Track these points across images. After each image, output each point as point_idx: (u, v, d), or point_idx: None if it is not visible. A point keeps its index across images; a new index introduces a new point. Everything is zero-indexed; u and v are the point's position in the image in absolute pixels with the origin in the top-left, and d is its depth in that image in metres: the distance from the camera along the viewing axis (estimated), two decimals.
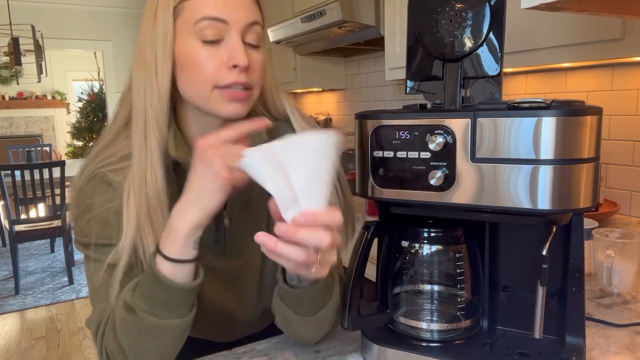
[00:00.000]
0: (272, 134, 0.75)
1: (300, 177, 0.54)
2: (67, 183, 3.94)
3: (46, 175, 3.57)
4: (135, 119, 0.69)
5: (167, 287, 0.61)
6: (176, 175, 0.72)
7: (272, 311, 0.75)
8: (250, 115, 0.74)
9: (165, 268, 0.61)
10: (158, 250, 0.62)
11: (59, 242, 4.68)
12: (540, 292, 0.62)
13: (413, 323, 0.71)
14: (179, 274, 0.61)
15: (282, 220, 0.56)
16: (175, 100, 0.72)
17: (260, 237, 0.56)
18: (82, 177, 0.72)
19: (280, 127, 0.79)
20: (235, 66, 0.66)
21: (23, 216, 3.51)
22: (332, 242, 0.54)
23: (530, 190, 0.56)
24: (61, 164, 3.54)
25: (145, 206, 0.67)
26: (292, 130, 0.79)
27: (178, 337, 0.65)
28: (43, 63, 4.88)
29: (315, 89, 3.01)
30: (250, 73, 0.68)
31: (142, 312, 0.62)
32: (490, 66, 0.66)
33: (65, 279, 3.85)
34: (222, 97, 0.68)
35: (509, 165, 0.57)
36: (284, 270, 0.68)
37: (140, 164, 0.67)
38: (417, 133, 0.62)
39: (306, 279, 0.65)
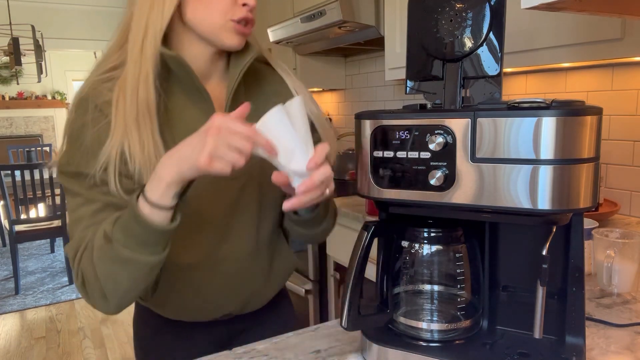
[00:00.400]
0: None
1: (300, 129, 0.64)
2: None
3: (46, 175, 3.57)
4: (135, 32, 0.74)
5: (144, 225, 0.65)
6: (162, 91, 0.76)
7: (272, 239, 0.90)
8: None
9: (145, 208, 0.65)
10: (142, 191, 0.66)
11: (59, 242, 4.68)
12: (540, 292, 0.62)
13: (413, 323, 0.71)
14: (156, 216, 0.65)
15: (288, 187, 0.67)
16: (169, 27, 0.76)
17: (288, 204, 0.66)
18: (77, 98, 0.75)
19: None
20: (245, 4, 0.76)
21: (23, 216, 3.52)
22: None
23: (530, 190, 0.56)
24: None
25: (134, 111, 0.71)
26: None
27: (148, 272, 0.69)
28: (43, 63, 4.88)
29: (315, 89, 3.01)
30: (253, 12, 0.79)
31: (118, 244, 0.66)
32: (490, 66, 0.66)
33: (65, 279, 3.86)
34: (234, 29, 0.76)
35: (509, 165, 0.57)
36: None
37: (135, 72, 0.72)
38: (417, 133, 0.62)
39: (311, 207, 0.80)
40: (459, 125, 0.59)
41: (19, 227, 3.54)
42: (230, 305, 0.89)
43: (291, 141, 0.63)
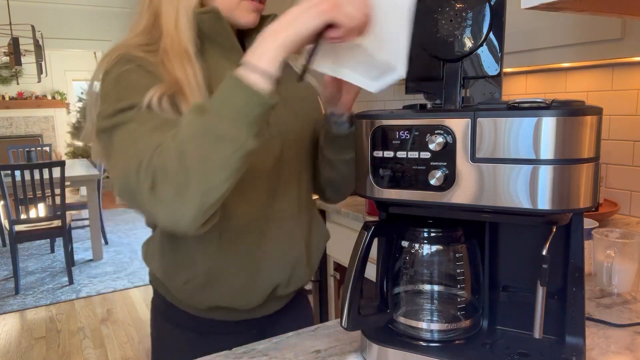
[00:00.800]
0: None
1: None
2: (67, 183, 3.95)
3: (46, 175, 3.57)
4: (167, 12, 0.76)
5: (248, 93, 0.60)
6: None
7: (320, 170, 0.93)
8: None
9: (249, 76, 0.61)
10: (243, 64, 0.62)
11: (59, 242, 4.68)
12: (540, 292, 0.62)
13: (413, 323, 0.71)
14: (261, 84, 0.61)
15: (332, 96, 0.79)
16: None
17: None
18: (110, 60, 0.75)
19: None
20: None
21: (23, 216, 3.52)
22: None
23: (530, 190, 0.56)
24: (61, 164, 3.54)
25: (183, 81, 0.72)
26: None
27: (239, 161, 0.62)
28: (43, 63, 4.88)
29: None
30: None
31: (214, 115, 0.61)
32: (490, 66, 0.66)
33: (65, 279, 3.86)
34: (249, 7, 0.79)
35: (509, 165, 0.57)
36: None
37: (176, 49, 0.74)
38: (417, 133, 0.62)
39: (346, 122, 0.82)
40: (459, 125, 0.59)
41: (19, 227, 3.54)
42: (279, 274, 0.86)
43: (397, 30, 0.64)
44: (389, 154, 0.64)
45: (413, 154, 0.62)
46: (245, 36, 0.86)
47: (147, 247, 0.91)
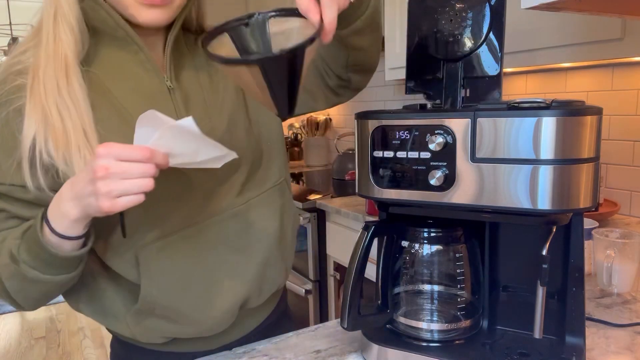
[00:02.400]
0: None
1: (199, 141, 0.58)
2: None
3: None
4: (47, 11, 0.65)
5: (50, 252, 0.61)
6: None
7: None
8: (183, 26, 0.75)
9: (51, 237, 0.61)
10: (45, 216, 0.61)
11: None
12: (540, 292, 0.62)
13: (413, 323, 0.71)
14: (65, 245, 0.62)
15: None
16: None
17: (327, 37, 0.54)
18: None
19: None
20: None
21: None
22: None
23: (530, 190, 0.56)
24: None
25: (54, 95, 0.62)
26: None
27: (61, 287, 0.68)
28: None
29: None
30: None
31: (25, 265, 0.62)
32: (490, 66, 0.66)
33: None
34: (139, 1, 0.65)
35: (509, 165, 0.57)
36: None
37: (48, 52, 0.63)
38: (417, 133, 0.62)
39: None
40: (459, 125, 0.59)
41: None
42: (243, 283, 0.76)
43: (194, 145, 0.57)
44: (389, 154, 0.64)
45: (413, 154, 0.62)
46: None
47: (74, 296, 0.77)
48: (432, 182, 0.60)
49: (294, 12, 0.53)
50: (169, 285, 0.72)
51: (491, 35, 0.65)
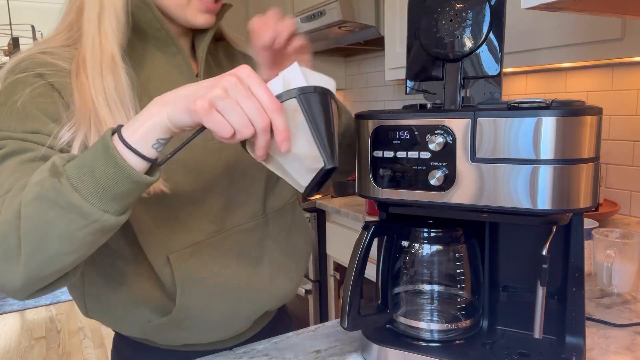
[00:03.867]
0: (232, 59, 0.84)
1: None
2: None
3: None
4: (90, 8, 0.65)
5: (114, 163, 0.50)
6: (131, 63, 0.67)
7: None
8: (216, 34, 0.79)
9: (120, 148, 0.51)
10: (118, 130, 0.52)
11: None
12: (540, 292, 0.62)
13: (413, 323, 0.71)
14: (131, 158, 0.51)
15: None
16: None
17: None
18: (6, 68, 0.63)
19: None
20: None
21: None
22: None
23: (530, 190, 0.56)
24: None
25: (102, 96, 0.61)
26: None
27: (88, 237, 0.52)
28: None
29: None
30: None
31: (67, 183, 0.50)
32: (490, 66, 0.66)
33: None
34: (199, 7, 0.70)
35: (509, 165, 0.57)
36: None
37: (96, 54, 0.63)
38: (417, 133, 0.62)
39: None
40: (459, 125, 0.59)
41: None
42: (267, 297, 0.78)
43: (310, 142, 0.53)
44: (389, 154, 0.64)
45: (413, 154, 0.62)
46: (195, 36, 0.77)
47: (83, 301, 0.76)
48: (432, 182, 0.60)
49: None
50: (200, 294, 0.72)
51: (491, 35, 0.65)
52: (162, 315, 0.72)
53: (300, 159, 0.54)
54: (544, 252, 0.61)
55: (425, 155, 0.61)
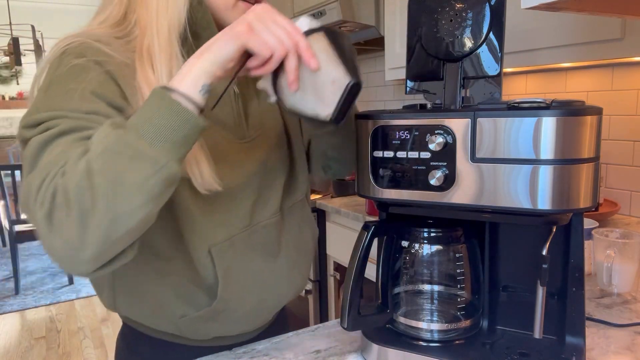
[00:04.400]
0: None
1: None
2: None
3: None
4: (151, 10, 0.67)
5: (173, 108, 0.54)
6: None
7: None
8: None
9: (173, 95, 0.56)
10: (165, 87, 0.56)
11: None
12: (540, 292, 0.62)
13: (413, 323, 0.71)
14: (185, 105, 0.56)
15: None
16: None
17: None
18: (57, 51, 0.64)
19: None
20: None
21: (23, 216, 3.51)
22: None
23: (530, 190, 0.56)
24: None
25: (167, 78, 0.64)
26: None
27: (157, 189, 0.54)
28: None
29: None
30: None
31: (132, 132, 0.53)
32: (490, 66, 0.66)
33: (65, 279, 3.85)
34: (244, 9, 0.71)
35: (509, 165, 0.57)
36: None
37: (164, 49, 0.65)
38: (417, 133, 0.62)
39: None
40: (459, 125, 0.59)
41: (19, 227, 3.54)
42: (288, 289, 0.82)
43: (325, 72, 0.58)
44: (389, 154, 0.64)
45: (413, 154, 0.62)
46: None
47: (113, 294, 0.77)
48: (432, 182, 0.60)
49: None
50: (236, 286, 0.75)
51: (491, 35, 0.65)
52: (197, 309, 0.74)
53: (326, 83, 0.59)
54: (544, 252, 0.61)
55: (425, 155, 0.61)
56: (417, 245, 0.72)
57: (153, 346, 0.81)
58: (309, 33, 0.60)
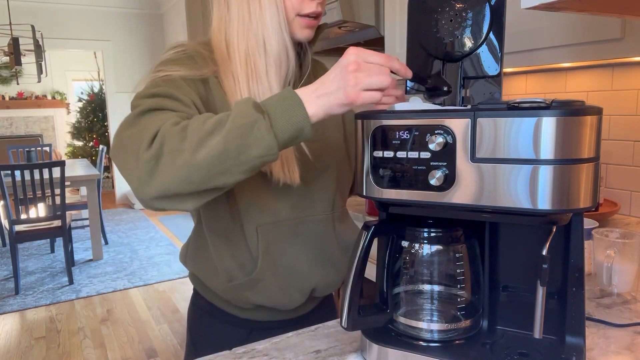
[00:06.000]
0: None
1: None
2: (67, 183, 3.95)
3: (46, 175, 3.57)
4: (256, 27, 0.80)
5: (302, 108, 0.65)
6: None
7: None
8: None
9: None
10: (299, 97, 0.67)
11: (59, 242, 4.68)
12: (540, 292, 0.62)
13: (413, 323, 0.71)
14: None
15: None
16: None
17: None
18: (173, 48, 0.82)
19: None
20: None
21: (23, 216, 3.51)
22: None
23: (530, 190, 0.56)
24: (61, 164, 3.54)
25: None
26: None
27: (254, 165, 0.65)
28: (43, 63, 4.88)
29: None
30: (323, 4, 0.84)
31: (267, 120, 0.64)
32: (490, 66, 0.66)
33: (65, 279, 3.85)
34: (302, 23, 0.82)
35: (509, 165, 0.57)
36: None
37: (248, 65, 0.80)
38: (417, 133, 0.62)
39: None
40: (459, 125, 0.59)
41: (19, 227, 3.54)
42: (315, 276, 0.91)
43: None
44: (389, 154, 0.64)
45: (413, 154, 0.62)
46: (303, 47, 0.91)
47: (186, 249, 0.96)
48: (432, 182, 0.60)
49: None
50: (273, 262, 0.87)
51: (491, 35, 0.65)
52: (244, 275, 0.87)
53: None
54: (544, 252, 0.61)
55: (425, 155, 0.61)
56: (417, 245, 0.72)
57: (208, 312, 0.96)
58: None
